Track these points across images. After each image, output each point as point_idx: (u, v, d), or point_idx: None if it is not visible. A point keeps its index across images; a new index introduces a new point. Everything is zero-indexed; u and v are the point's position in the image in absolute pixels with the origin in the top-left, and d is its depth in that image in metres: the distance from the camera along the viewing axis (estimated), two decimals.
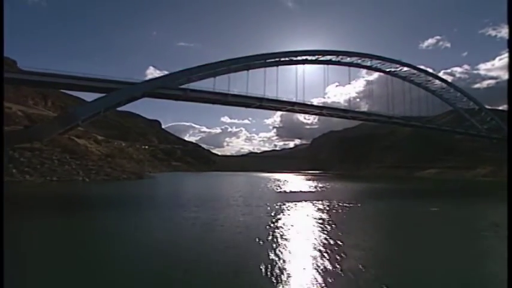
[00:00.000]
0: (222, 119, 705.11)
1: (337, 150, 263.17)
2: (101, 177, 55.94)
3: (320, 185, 59.81)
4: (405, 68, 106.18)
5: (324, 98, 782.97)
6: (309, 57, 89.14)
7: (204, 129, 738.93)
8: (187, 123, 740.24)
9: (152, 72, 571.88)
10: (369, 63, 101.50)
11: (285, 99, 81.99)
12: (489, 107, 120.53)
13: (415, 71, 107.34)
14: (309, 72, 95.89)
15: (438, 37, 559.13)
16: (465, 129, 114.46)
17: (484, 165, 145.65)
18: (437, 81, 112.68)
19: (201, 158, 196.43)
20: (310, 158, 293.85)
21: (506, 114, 3.65)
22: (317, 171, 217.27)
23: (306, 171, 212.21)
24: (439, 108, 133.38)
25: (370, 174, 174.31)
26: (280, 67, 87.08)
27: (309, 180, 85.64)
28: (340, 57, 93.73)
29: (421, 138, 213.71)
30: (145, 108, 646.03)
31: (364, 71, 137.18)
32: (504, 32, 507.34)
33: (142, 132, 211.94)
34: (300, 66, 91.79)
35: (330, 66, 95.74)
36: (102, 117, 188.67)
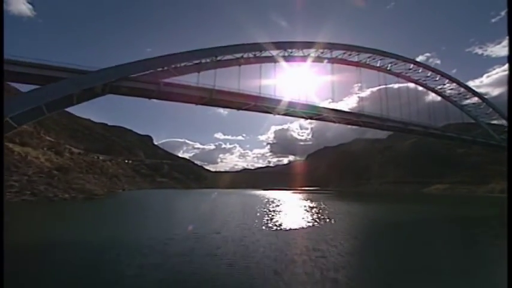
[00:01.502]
0: (216, 135, 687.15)
1: (334, 166, 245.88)
2: (24, 197, 37.50)
3: (326, 210, 41.82)
4: (420, 70, 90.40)
5: None
6: (312, 52, 72.75)
7: (198, 145, 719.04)
8: (181, 140, 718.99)
9: None
10: (378, 64, 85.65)
11: (286, 99, 64.93)
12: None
13: (429, 73, 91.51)
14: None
15: (428, 54, 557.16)
16: (485, 139, 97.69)
17: (497, 180, 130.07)
18: (453, 86, 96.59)
19: (190, 174, 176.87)
20: (305, 174, 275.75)
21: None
22: (314, 188, 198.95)
23: (302, 188, 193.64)
24: (436, 122, 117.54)
25: (372, 191, 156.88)
26: (277, 65, 70.56)
27: (309, 200, 67.42)
28: (348, 53, 77.70)
29: (421, 152, 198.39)
30: (138, 123, 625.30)
31: (356, 87, 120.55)
32: (490, 50, 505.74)
33: (129, 147, 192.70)
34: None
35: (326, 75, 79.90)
36: (84, 128, 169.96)
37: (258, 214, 33.47)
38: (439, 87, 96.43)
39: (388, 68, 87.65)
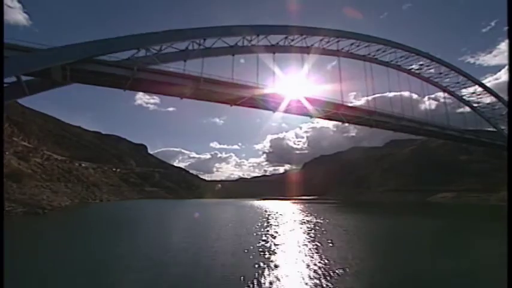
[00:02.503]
0: (211, 144, 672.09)
1: (331, 175, 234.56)
2: None
3: (344, 232, 29.88)
4: (431, 66, 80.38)
5: (313, 123, 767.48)
6: (316, 43, 62.09)
7: (194, 154, 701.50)
8: (177, 149, 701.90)
9: (141, 97, 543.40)
10: (387, 59, 75.44)
11: (288, 92, 54.07)
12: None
13: (443, 69, 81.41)
14: None
15: (422, 63, 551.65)
16: (504, 142, 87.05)
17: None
18: (468, 85, 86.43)
19: (183, 183, 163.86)
20: (302, 183, 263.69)
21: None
22: (312, 197, 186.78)
23: (300, 198, 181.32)
24: None
25: (374, 200, 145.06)
26: (276, 61, 59.75)
27: (314, 214, 55.17)
28: (356, 44, 67.36)
29: (422, 160, 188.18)
30: (134, 133, 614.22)
31: (351, 96, 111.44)
32: (481, 59, 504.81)
33: (119, 155, 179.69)
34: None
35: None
36: (74, 137, 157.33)
37: (256, 243, 21.79)
38: (453, 86, 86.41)
39: (397, 64, 77.54)
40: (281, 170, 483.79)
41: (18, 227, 30.66)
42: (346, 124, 68.78)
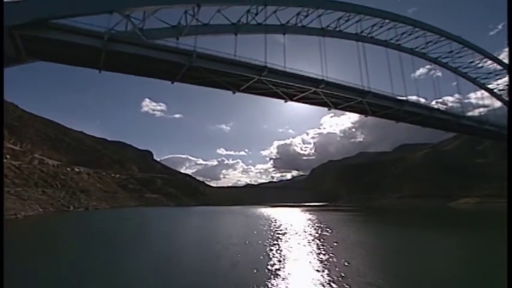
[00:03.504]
0: (218, 151, 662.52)
1: (341, 180, 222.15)
2: None
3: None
4: (462, 53, 69.43)
5: (320, 128, 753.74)
6: (333, 23, 51.75)
7: (201, 161, 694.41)
8: (184, 156, 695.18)
9: (148, 104, 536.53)
10: (411, 45, 64.90)
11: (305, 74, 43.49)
12: None
13: (476, 57, 70.34)
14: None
15: (429, 66, 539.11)
16: None
17: None
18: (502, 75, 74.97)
19: (187, 190, 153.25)
20: (311, 188, 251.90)
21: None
22: (323, 204, 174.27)
23: (311, 204, 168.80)
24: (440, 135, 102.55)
25: (392, 206, 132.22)
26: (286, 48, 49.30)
27: (338, 227, 42.50)
28: (379, 25, 56.81)
29: (436, 164, 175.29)
30: (142, 140, 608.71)
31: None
32: (489, 62, 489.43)
33: (122, 160, 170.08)
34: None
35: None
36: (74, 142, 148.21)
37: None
38: (484, 77, 75.05)
39: (422, 51, 66.61)
40: (288, 176, 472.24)
41: None
42: (354, 129, 58.98)
